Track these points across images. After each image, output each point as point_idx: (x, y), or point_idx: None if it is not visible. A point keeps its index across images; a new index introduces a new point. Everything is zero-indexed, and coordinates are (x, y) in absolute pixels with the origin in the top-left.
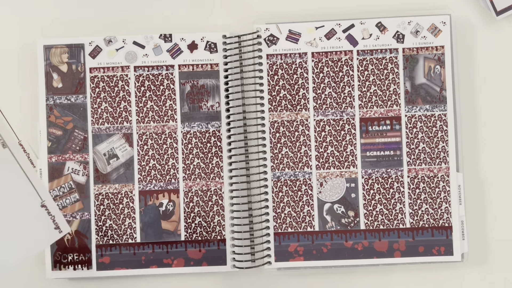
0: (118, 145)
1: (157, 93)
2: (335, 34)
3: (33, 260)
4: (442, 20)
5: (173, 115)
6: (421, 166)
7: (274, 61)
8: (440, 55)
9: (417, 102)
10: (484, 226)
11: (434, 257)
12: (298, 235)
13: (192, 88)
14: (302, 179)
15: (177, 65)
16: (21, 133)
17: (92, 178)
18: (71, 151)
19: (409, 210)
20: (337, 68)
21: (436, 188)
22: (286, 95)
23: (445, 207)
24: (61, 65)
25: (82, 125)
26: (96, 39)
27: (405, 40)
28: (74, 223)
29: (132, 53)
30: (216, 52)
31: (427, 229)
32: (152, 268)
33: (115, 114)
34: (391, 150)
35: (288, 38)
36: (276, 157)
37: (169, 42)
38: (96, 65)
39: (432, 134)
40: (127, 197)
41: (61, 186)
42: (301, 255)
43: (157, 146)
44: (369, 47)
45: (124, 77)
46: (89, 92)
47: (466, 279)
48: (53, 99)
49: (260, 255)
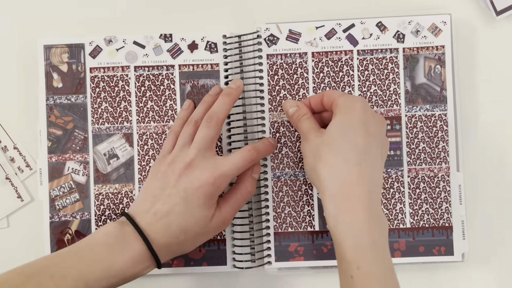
0: (118, 145)
1: (157, 93)
2: (335, 34)
3: None
4: (443, 20)
5: (174, 115)
6: (422, 166)
7: (274, 61)
8: (441, 55)
9: (417, 102)
10: (484, 226)
11: (435, 257)
12: (299, 235)
13: (193, 88)
14: (303, 179)
15: (178, 65)
16: (21, 133)
17: (92, 178)
18: (71, 151)
19: (410, 210)
20: (337, 68)
21: (437, 188)
22: (287, 95)
23: (445, 207)
24: (61, 65)
25: (82, 125)
26: (96, 39)
27: (405, 40)
28: (74, 223)
29: (133, 53)
30: (217, 52)
31: (427, 229)
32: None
33: (115, 114)
34: (391, 150)
35: (288, 38)
36: (276, 157)
37: (169, 42)
38: (96, 65)
39: (433, 134)
40: (127, 197)
41: (61, 186)
42: (301, 255)
43: (158, 146)
44: (369, 47)
45: (125, 77)
46: (89, 92)
47: (466, 279)
48: (53, 99)
49: (260, 255)
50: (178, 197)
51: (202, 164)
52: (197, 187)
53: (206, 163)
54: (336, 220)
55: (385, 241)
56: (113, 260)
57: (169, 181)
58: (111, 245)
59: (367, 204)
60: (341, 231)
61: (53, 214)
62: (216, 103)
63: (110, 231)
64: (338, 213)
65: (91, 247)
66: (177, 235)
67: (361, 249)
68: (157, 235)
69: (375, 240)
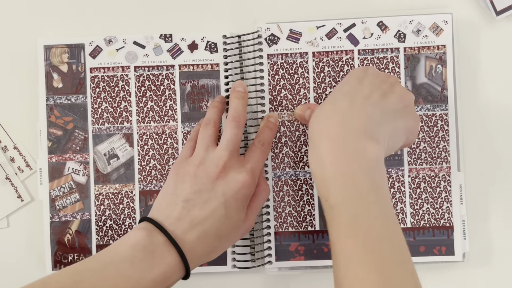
0: (118, 145)
1: (157, 93)
2: (336, 34)
3: (33, 260)
4: (444, 19)
5: (174, 115)
6: (422, 166)
7: (275, 60)
8: (442, 55)
9: (418, 102)
10: (485, 225)
11: (435, 257)
12: (299, 234)
13: (193, 88)
14: (303, 178)
15: (178, 65)
16: (21, 133)
17: (93, 178)
18: (72, 151)
19: (410, 210)
20: (338, 68)
21: (437, 187)
22: (287, 95)
23: (446, 207)
24: (61, 65)
25: (82, 125)
26: (96, 39)
27: (406, 40)
28: (74, 223)
29: (133, 53)
30: (217, 52)
31: (428, 229)
32: None
33: (115, 114)
34: None
35: (289, 37)
36: (277, 156)
37: (169, 42)
38: (97, 65)
39: (433, 133)
40: (128, 197)
41: (62, 186)
42: (301, 255)
43: (158, 146)
44: (370, 46)
45: (125, 77)
46: (90, 92)
47: (467, 279)
48: (53, 99)
49: (260, 254)
50: (217, 202)
51: (234, 165)
52: (236, 190)
53: (238, 164)
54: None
55: (361, 168)
56: (141, 277)
57: (204, 185)
58: (139, 260)
59: (334, 134)
60: (312, 167)
61: (53, 214)
62: (235, 105)
63: (137, 242)
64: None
65: (116, 263)
66: (211, 242)
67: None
68: (192, 245)
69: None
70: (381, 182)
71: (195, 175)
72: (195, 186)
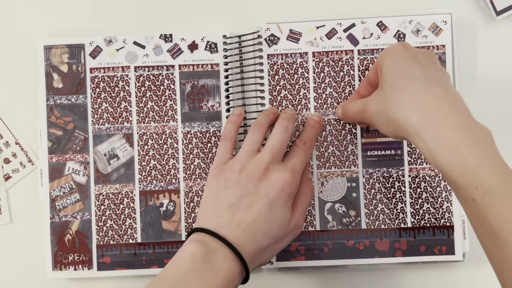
0: (118, 145)
1: (157, 93)
2: (336, 34)
3: (33, 261)
4: (443, 19)
5: (174, 115)
6: (422, 166)
7: (275, 61)
8: (441, 54)
9: None
10: None
11: (436, 256)
12: (300, 234)
13: (193, 88)
14: None
15: (178, 65)
16: (21, 133)
17: (93, 178)
18: (72, 151)
19: (411, 210)
20: (338, 68)
21: (438, 187)
22: (287, 95)
23: (446, 206)
24: (62, 65)
25: (82, 126)
26: (96, 39)
27: (406, 39)
28: (74, 223)
29: (133, 53)
30: (217, 52)
31: (428, 228)
32: (152, 268)
33: (115, 114)
34: (392, 149)
35: (289, 37)
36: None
37: (169, 42)
38: (97, 65)
39: None
40: (128, 197)
41: (62, 187)
42: (302, 255)
43: (158, 146)
44: (370, 46)
45: (125, 77)
46: (90, 92)
47: (467, 278)
48: (54, 100)
49: None
50: (261, 204)
51: (276, 166)
52: (279, 189)
53: (279, 164)
54: (432, 153)
55: (493, 149)
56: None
57: (247, 189)
58: (201, 271)
59: (456, 121)
60: (442, 160)
61: (54, 214)
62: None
63: (194, 254)
64: (430, 145)
65: (182, 280)
66: (261, 243)
67: (471, 169)
68: (244, 247)
69: (482, 153)
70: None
71: (238, 181)
72: (238, 191)
